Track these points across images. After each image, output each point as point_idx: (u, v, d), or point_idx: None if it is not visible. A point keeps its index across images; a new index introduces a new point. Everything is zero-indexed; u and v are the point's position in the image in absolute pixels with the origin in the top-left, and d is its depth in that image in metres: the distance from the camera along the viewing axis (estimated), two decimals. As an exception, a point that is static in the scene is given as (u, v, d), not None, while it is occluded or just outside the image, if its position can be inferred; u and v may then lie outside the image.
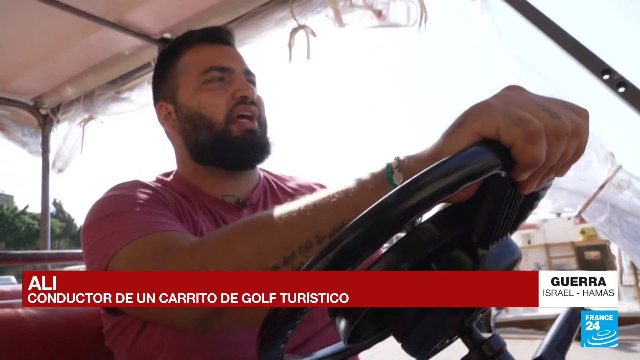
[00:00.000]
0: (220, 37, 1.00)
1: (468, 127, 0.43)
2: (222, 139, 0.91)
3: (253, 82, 0.99)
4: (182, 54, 0.98)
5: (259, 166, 1.02)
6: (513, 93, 0.45)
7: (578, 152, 0.44)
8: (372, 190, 0.51)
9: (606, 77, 0.90)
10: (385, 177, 0.50)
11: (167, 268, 0.61)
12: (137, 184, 0.87)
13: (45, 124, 2.20)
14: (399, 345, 0.49)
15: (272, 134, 0.98)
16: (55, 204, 40.85)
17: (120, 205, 0.77)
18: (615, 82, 0.90)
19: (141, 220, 0.72)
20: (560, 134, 0.41)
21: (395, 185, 0.45)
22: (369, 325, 0.55)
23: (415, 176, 0.37)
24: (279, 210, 0.58)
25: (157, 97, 1.02)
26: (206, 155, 0.94)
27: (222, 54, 0.98)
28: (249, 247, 0.57)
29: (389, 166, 0.50)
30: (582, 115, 0.44)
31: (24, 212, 34.76)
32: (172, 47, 1.02)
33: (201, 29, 1.03)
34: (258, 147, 0.94)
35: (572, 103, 0.45)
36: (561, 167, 0.44)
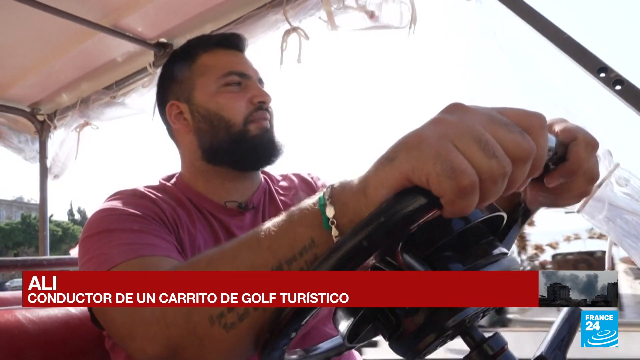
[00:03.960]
0: (236, 44, 1.03)
1: (398, 168, 0.40)
2: (240, 139, 0.93)
3: None
4: (197, 56, 1.00)
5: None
6: (452, 118, 0.40)
7: (533, 172, 0.41)
8: (306, 226, 0.48)
9: (602, 75, 0.90)
10: (318, 210, 0.48)
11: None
12: (135, 194, 0.87)
13: (42, 130, 2.19)
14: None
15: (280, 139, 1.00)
16: (79, 211, 41.50)
17: (112, 222, 0.78)
18: (612, 80, 0.89)
19: (127, 241, 0.72)
20: (496, 178, 0.38)
21: (328, 219, 0.46)
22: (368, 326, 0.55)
23: (340, 239, 0.40)
24: (222, 252, 0.56)
25: (167, 96, 1.02)
26: (219, 155, 0.95)
27: (239, 60, 1.01)
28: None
29: (322, 198, 0.48)
30: (533, 127, 0.41)
31: (49, 220, 35.27)
32: (186, 48, 1.04)
33: (217, 34, 1.07)
34: (273, 147, 0.96)
35: (523, 113, 0.41)
36: (518, 187, 0.41)
